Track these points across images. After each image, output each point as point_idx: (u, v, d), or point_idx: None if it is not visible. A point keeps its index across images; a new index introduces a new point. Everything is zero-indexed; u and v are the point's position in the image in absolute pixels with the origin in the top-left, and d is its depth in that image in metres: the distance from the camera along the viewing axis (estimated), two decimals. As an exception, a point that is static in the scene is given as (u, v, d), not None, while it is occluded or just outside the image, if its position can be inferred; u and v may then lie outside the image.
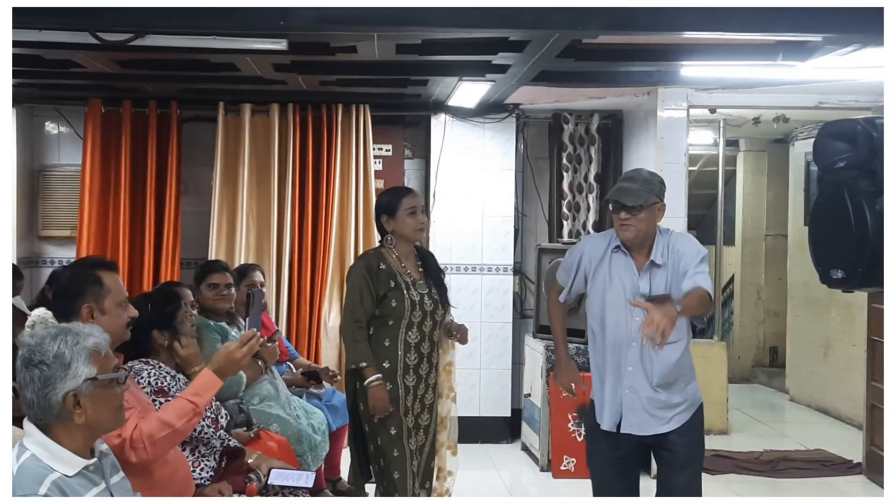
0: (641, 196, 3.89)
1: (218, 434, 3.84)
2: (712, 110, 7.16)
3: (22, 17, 4.03)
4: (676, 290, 3.83)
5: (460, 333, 4.60)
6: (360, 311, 4.36)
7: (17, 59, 5.58)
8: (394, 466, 4.39)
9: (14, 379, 3.96)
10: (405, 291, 4.39)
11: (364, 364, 4.31)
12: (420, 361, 4.44)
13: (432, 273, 4.58)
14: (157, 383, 3.64)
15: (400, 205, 4.44)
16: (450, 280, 4.80)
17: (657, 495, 4.07)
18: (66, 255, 7.31)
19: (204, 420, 3.74)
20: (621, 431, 3.95)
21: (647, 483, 5.14)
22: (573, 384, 4.24)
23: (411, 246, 4.55)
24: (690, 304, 3.72)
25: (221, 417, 3.88)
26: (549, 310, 4.43)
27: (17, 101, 7.05)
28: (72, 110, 7.35)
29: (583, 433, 6.31)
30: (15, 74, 6.22)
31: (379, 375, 4.30)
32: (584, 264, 4.06)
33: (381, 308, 4.38)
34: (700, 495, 3.99)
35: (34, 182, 7.42)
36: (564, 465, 6.43)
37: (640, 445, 4.03)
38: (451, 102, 6.92)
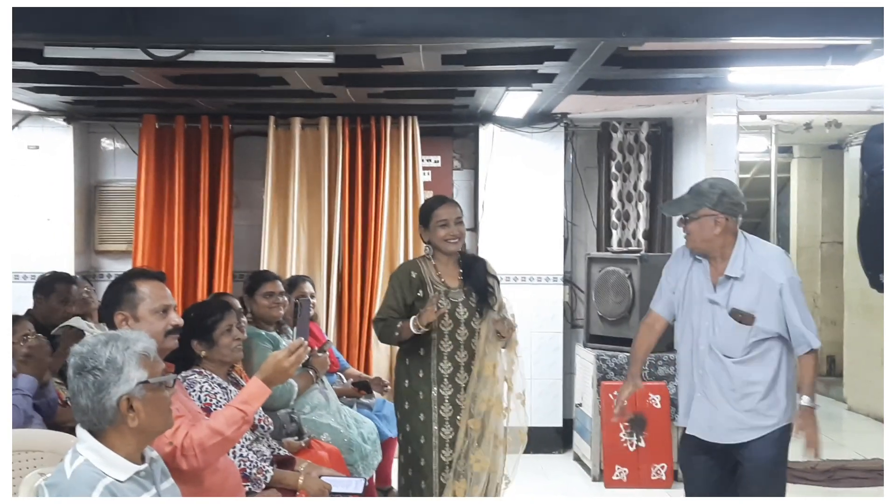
0: (685, 206, 3.89)
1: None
2: (763, 116, 7.09)
3: (79, 35, 4.17)
4: (768, 318, 3.79)
5: (501, 327, 4.48)
6: (384, 310, 4.45)
7: (72, 77, 5.76)
8: (421, 475, 4.42)
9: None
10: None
11: (400, 325, 4.34)
12: (456, 370, 4.44)
13: (473, 281, 4.52)
14: (206, 399, 3.66)
15: (431, 216, 4.47)
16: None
17: None
18: (123, 268, 7.28)
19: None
20: (688, 433, 3.98)
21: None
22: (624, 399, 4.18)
23: (451, 255, 4.53)
24: (810, 382, 3.81)
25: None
26: (638, 333, 4.30)
27: (73, 118, 7.25)
28: (127, 126, 7.50)
29: (634, 443, 6.31)
30: (71, 92, 6.40)
31: (415, 316, 4.32)
32: (670, 283, 4.09)
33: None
34: None
35: (91, 197, 7.59)
36: (616, 475, 6.37)
37: (725, 452, 3.98)
38: (499, 113, 6.93)
